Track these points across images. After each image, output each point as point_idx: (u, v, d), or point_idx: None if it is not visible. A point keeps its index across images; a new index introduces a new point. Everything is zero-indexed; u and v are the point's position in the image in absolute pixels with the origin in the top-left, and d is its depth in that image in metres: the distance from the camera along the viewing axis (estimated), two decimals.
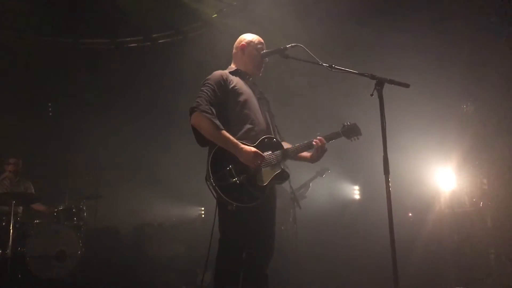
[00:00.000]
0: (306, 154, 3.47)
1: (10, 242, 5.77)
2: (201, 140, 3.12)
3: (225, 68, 3.46)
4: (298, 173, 3.42)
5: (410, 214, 6.98)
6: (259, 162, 3.06)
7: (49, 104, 9.32)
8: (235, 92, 3.25)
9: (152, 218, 8.52)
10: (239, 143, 3.06)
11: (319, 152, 3.39)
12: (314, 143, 3.36)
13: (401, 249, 2.73)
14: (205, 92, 3.15)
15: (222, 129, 3.05)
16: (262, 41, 3.54)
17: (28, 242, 6.04)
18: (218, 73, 3.32)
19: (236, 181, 2.99)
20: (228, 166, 3.01)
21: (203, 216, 9.52)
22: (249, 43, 3.50)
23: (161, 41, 8.93)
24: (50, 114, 9.33)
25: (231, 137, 3.06)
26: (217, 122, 3.05)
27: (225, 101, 3.21)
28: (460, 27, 6.39)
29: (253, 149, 3.07)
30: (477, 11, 6.20)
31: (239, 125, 3.20)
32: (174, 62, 8.65)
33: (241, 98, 3.26)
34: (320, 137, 3.38)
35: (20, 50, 8.45)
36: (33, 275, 5.94)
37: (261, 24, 7.01)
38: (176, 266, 7.28)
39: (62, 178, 8.24)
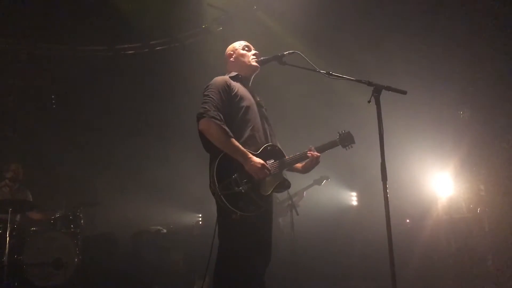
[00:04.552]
0: (297, 165, 3.48)
1: (7, 250, 5.74)
2: (209, 146, 3.10)
3: (222, 75, 3.46)
4: (293, 180, 3.39)
5: (408, 220, 6.97)
6: (264, 175, 3.05)
7: (53, 102, 9.26)
8: (238, 98, 3.25)
9: (149, 225, 8.49)
10: (248, 153, 3.05)
11: (313, 163, 3.41)
12: (308, 154, 3.37)
13: (399, 255, 2.73)
14: (211, 97, 3.14)
15: (232, 137, 3.04)
16: (247, 43, 3.58)
17: (25, 250, 6.01)
18: (220, 78, 3.32)
19: (241, 190, 2.97)
20: (233, 175, 2.99)
21: (200, 223, 9.49)
22: (234, 49, 3.55)
23: (158, 48, 8.95)
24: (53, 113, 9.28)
25: (240, 145, 3.05)
26: (227, 129, 3.04)
27: (228, 107, 3.19)
28: (456, 34, 6.42)
29: (261, 161, 3.05)
30: (473, 17, 6.23)
31: (242, 131, 3.19)
32: (171, 69, 8.67)
33: (243, 104, 3.25)
34: (312, 148, 3.39)
35: (18, 57, 8.47)
36: (30, 283, 5.92)
37: (258, 32, 7.05)
38: (174, 273, 7.26)
39: (59, 185, 8.25)
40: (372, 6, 6.91)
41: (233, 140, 3.04)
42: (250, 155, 3.04)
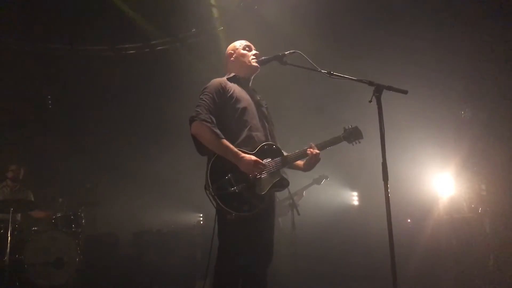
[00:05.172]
0: (299, 162, 3.44)
1: (8, 250, 5.75)
2: (202, 149, 3.12)
3: (222, 75, 3.47)
4: (293, 180, 3.38)
5: (409, 220, 6.97)
6: (258, 171, 3.05)
7: (49, 102, 9.26)
8: (234, 99, 3.25)
9: (150, 225, 8.50)
10: (239, 152, 3.05)
11: (313, 161, 3.35)
12: (308, 152, 3.34)
13: (400, 255, 2.73)
14: (204, 100, 3.16)
15: (222, 138, 3.05)
16: (247, 42, 3.57)
17: (26, 250, 6.01)
18: (216, 80, 3.32)
19: (235, 190, 2.98)
20: (227, 175, 3.00)
21: (201, 223, 9.49)
22: (234, 49, 3.54)
23: (159, 47, 8.95)
24: (50, 113, 9.28)
25: (231, 146, 3.05)
26: (217, 131, 3.06)
27: (224, 109, 3.21)
28: (458, 34, 6.41)
29: (253, 158, 3.05)
30: (476, 19, 6.23)
31: (238, 132, 3.20)
32: (173, 68, 8.67)
33: (240, 105, 3.25)
34: (313, 145, 3.36)
35: (19, 56, 8.47)
36: (31, 283, 5.92)
37: (259, 31, 7.04)
38: (175, 272, 7.25)
39: (60, 185, 8.25)
40: (373, 5, 6.90)
41: (224, 141, 3.05)
42: (242, 155, 3.04)
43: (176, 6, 7.55)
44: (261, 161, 3.09)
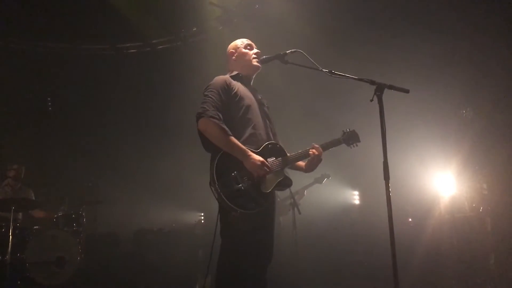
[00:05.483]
0: (300, 163, 3.45)
1: (10, 248, 5.76)
2: (208, 146, 3.11)
3: (224, 74, 3.46)
4: (294, 179, 3.38)
5: (410, 219, 6.96)
6: (264, 172, 3.05)
7: (49, 104, 9.27)
8: (238, 97, 3.25)
9: (151, 224, 8.50)
10: (247, 150, 3.05)
11: (315, 162, 3.36)
12: (310, 152, 3.33)
13: (401, 254, 2.73)
14: (210, 97, 3.15)
15: (231, 135, 3.05)
16: (249, 41, 3.57)
17: (28, 248, 6.03)
18: (220, 78, 3.32)
19: (240, 187, 2.97)
20: (233, 172, 3.00)
21: (202, 221, 9.50)
22: (236, 48, 3.55)
23: (160, 47, 8.95)
24: (50, 115, 9.29)
25: (238, 143, 3.05)
26: (225, 127, 3.05)
27: (228, 106, 3.20)
28: (460, 33, 6.41)
29: (261, 158, 3.05)
30: (478, 18, 6.22)
31: (242, 130, 3.20)
32: (174, 67, 8.67)
33: (244, 103, 3.26)
34: (315, 146, 3.35)
35: (21, 56, 8.48)
36: (32, 281, 5.93)
37: (260, 30, 7.05)
38: (176, 271, 7.26)
39: (61, 184, 8.26)
40: (375, 5, 6.89)
41: (232, 138, 3.05)
42: (250, 153, 3.04)
43: (177, 4, 7.55)
44: (267, 163, 3.08)
